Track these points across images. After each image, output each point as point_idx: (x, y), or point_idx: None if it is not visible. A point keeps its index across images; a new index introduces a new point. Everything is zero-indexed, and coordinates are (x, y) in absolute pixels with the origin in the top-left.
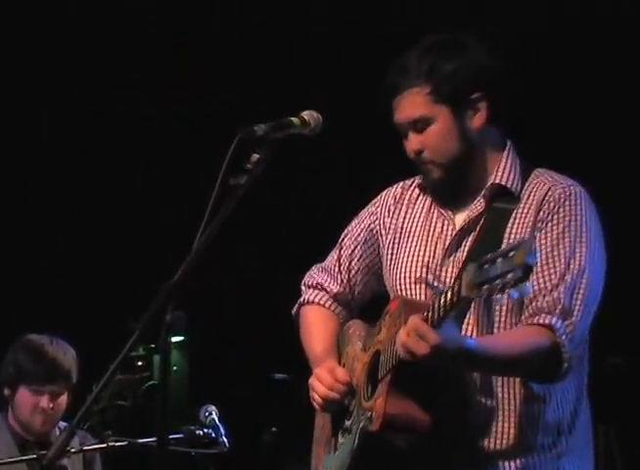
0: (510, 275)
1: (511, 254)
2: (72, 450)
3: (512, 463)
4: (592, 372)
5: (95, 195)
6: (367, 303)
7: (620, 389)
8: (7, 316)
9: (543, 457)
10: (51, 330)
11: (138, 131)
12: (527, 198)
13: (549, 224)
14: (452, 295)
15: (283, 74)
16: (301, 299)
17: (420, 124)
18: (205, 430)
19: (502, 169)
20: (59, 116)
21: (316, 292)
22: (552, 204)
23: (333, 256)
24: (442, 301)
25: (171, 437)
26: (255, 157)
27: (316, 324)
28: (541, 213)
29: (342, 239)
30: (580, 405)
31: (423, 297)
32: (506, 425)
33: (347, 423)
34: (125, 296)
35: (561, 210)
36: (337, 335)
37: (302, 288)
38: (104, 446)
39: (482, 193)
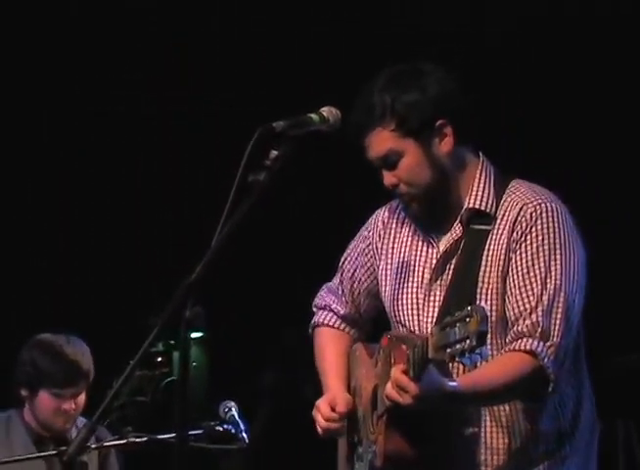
0: (467, 341)
1: (467, 320)
2: (93, 447)
3: None
4: (610, 369)
5: (114, 190)
6: (377, 317)
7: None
8: (22, 314)
9: (547, 464)
10: (68, 325)
11: (158, 126)
12: (502, 217)
13: (522, 245)
14: (423, 354)
15: (293, 73)
16: (313, 321)
17: (390, 159)
18: (225, 426)
19: (476, 191)
20: (65, 116)
21: (325, 313)
22: (524, 224)
23: (335, 279)
24: (415, 357)
25: (191, 433)
26: (274, 153)
27: (328, 348)
28: (514, 234)
29: (343, 262)
30: (581, 406)
31: (415, 323)
32: (504, 440)
33: (360, 450)
34: (144, 292)
35: (533, 229)
36: (347, 354)
37: (314, 309)
38: (124, 442)
39: (459, 218)
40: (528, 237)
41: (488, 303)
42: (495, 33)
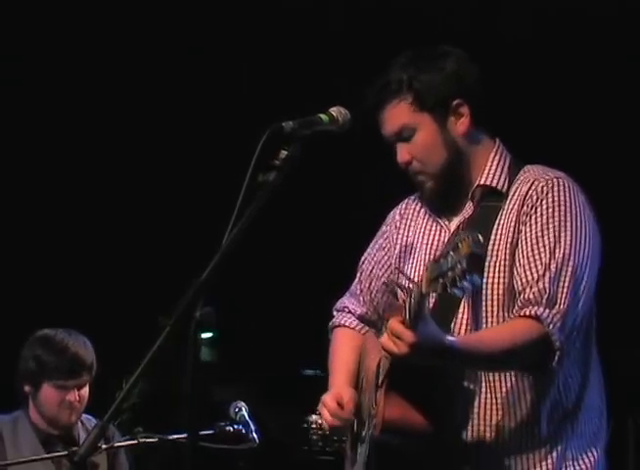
0: (458, 267)
1: (459, 245)
2: (103, 447)
3: (520, 452)
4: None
5: (121, 191)
6: None
7: None
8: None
9: (549, 446)
10: (77, 325)
11: (170, 127)
12: (514, 194)
13: (532, 217)
14: (417, 293)
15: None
16: (330, 323)
17: (405, 133)
18: (236, 426)
19: (488, 170)
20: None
21: (343, 315)
22: (535, 197)
23: (356, 279)
24: (411, 300)
25: (201, 433)
26: (284, 153)
27: (340, 348)
28: (525, 207)
29: (362, 262)
30: (586, 391)
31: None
32: (505, 417)
33: (363, 433)
34: (154, 292)
35: (544, 202)
36: (359, 353)
37: (334, 312)
38: (134, 442)
39: (470, 196)
40: (539, 209)
41: (497, 275)
42: (508, 30)
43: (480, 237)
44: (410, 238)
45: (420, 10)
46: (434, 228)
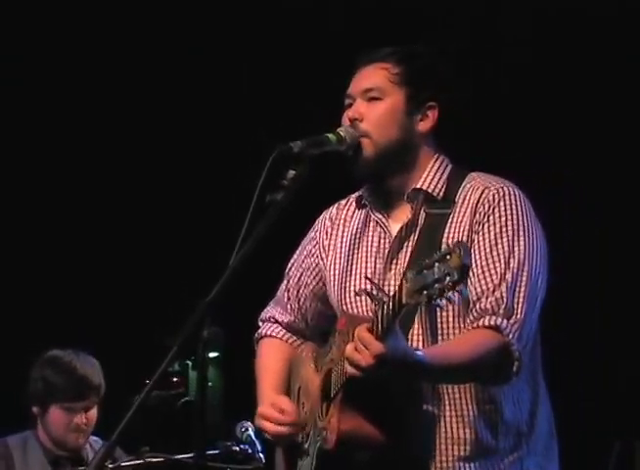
0: (447, 278)
1: (447, 257)
2: (110, 466)
3: (476, 468)
4: (627, 386)
5: (128, 210)
6: (325, 328)
7: None
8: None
9: (507, 461)
10: (83, 344)
11: (175, 147)
12: (462, 202)
13: (485, 225)
14: (394, 304)
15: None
16: (256, 334)
17: (372, 94)
18: (242, 446)
19: (426, 174)
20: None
21: (269, 325)
22: (487, 205)
23: (282, 286)
24: (385, 310)
25: (208, 452)
26: (292, 173)
27: (266, 358)
28: (477, 216)
29: (289, 268)
30: (537, 408)
31: (367, 310)
32: (464, 430)
33: (305, 446)
34: (160, 312)
35: (496, 210)
36: (289, 363)
37: (260, 323)
38: (141, 461)
39: (405, 197)
40: (491, 218)
41: None
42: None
43: (469, 248)
44: (345, 242)
45: (420, 10)
46: (372, 230)
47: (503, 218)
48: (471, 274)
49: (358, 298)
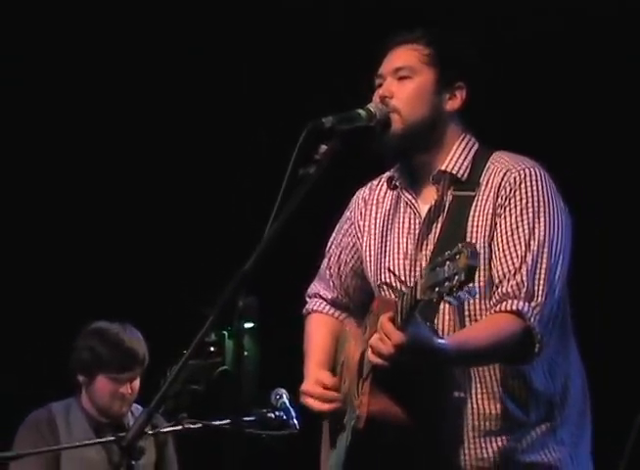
0: (456, 278)
1: (457, 257)
2: (150, 432)
3: (505, 441)
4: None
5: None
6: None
7: None
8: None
9: (539, 431)
10: (125, 314)
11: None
12: (486, 185)
13: (507, 209)
14: (411, 298)
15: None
16: (304, 310)
17: (403, 73)
18: (277, 413)
19: (452, 156)
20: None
21: (315, 300)
22: (508, 188)
23: (323, 263)
24: (403, 303)
25: (244, 419)
26: (324, 148)
27: (313, 334)
28: (499, 199)
29: (330, 247)
30: (570, 379)
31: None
32: (495, 406)
33: (345, 420)
34: (199, 282)
35: (517, 193)
36: (335, 337)
37: (307, 299)
38: (179, 428)
39: (431, 179)
40: (512, 200)
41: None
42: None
43: (477, 248)
44: (378, 223)
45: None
46: (403, 212)
47: (524, 201)
48: (494, 257)
49: (395, 281)
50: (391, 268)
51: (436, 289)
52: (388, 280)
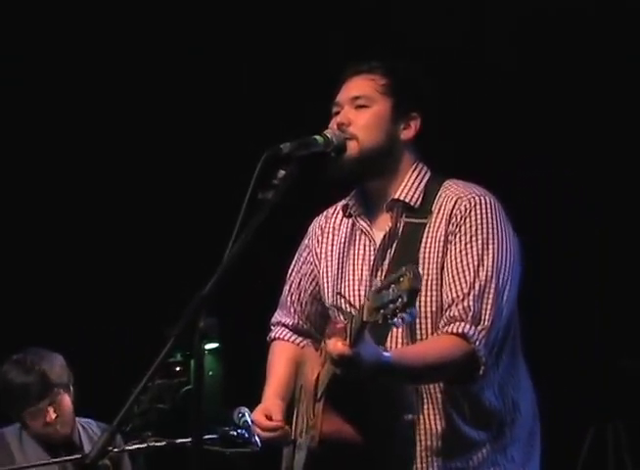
0: (399, 300)
1: (400, 279)
2: (115, 450)
3: (460, 461)
4: (602, 373)
5: (125, 205)
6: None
7: (630, 389)
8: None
9: (490, 448)
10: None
11: (170, 127)
12: (438, 212)
13: (457, 235)
14: (358, 320)
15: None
16: (267, 337)
17: (360, 102)
18: (239, 430)
19: (405, 184)
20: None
21: (278, 328)
22: (459, 216)
23: (284, 291)
24: (352, 325)
25: (206, 437)
26: (282, 173)
27: (272, 362)
28: (450, 226)
29: (290, 274)
30: (520, 394)
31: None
32: (445, 425)
33: (300, 441)
34: (159, 304)
35: (467, 220)
36: (294, 363)
37: (271, 327)
38: (144, 445)
39: (384, 207)
40: (462, 228)
41: (428, 294)
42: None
43: (420, 271)
44: (335, 250)
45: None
46: (358, 239)
47: (473, 228)
48: (444, 283)
49: (350, 307)
50: (343, 293)
51: (381, 311)
52: (339, 304)
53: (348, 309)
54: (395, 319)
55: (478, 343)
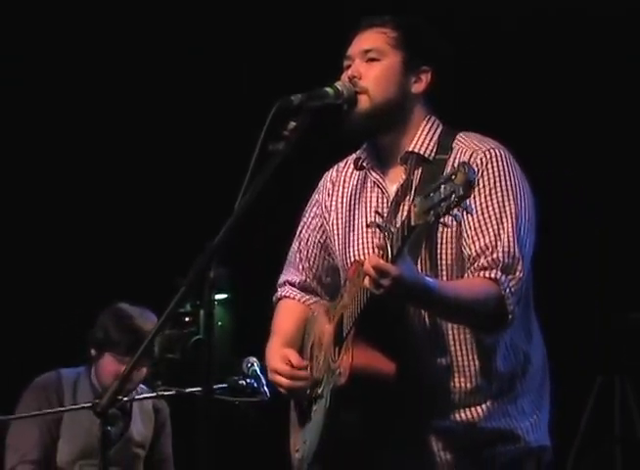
0: (453, 196)
1: (453, 177)
2: (125, 399)
3: (471, 412)
4: (611, 325)
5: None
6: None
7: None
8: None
9: (501, 401)
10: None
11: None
12: (453, 164)
13: (476, 189)
14: (403, 227)
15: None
16: (274, 297)
17: (371, 55)
18: (248, 380)
19: (418, 137)
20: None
21: (284, 288)
22: (475, 169)
23: (293, 248)
24: (394, 239)
25: (216, 387)
26: (292, 124)
27: (278, 319)
28: None
29: (300, 231)
30: (531, 347)
31: None
32: (462, 379)
33: (319, 391)
34: (171, 254)
35: (485, 173)
36: (301, 321)
37: (277, 288)
38: (154, 394)
39: (399, 159)
40: (480, 181)
41: (446, 245)
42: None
43: (473, 167)
44: (346, 202)
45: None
46: (372, 192)
47: (492, 181)
48: (465, 235)
49: (361, 252)
50: (359, 246)
51: (432, 212)
52: (355, 256)
53: (361, 256)
54: (448, 216)
55: (508, 290)
